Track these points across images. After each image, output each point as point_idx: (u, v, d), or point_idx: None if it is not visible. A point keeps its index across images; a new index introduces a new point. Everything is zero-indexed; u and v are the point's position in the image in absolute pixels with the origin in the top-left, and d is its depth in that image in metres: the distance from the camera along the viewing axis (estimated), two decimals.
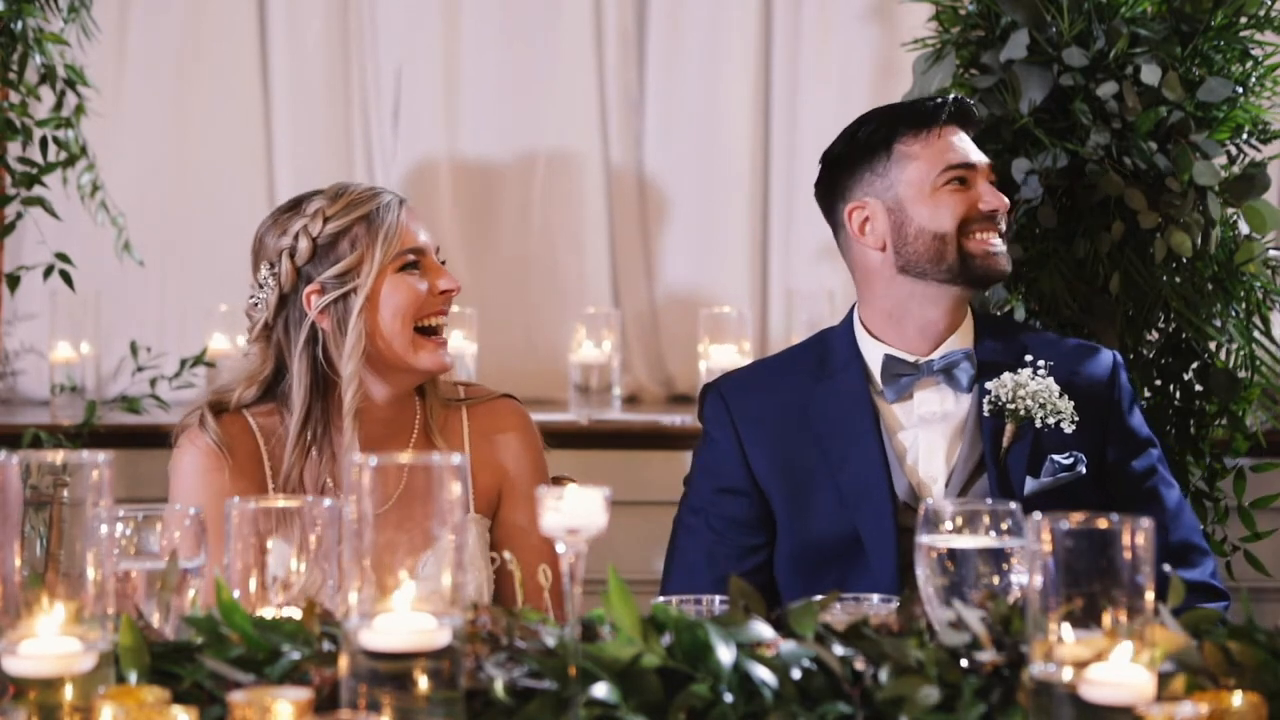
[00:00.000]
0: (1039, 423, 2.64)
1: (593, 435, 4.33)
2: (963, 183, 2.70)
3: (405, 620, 1.62)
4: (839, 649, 1.73)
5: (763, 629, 1.74)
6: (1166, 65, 3.27)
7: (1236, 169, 3.37)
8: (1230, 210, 3.33)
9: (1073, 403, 2.64)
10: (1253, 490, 3.44)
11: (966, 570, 1.87)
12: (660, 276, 5.08)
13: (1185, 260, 3.30)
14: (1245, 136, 3.37)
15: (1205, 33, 3.31)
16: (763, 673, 1.68)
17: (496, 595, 2.66)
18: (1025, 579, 1.74)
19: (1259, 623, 1.75)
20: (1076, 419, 2.64)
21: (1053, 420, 2.63)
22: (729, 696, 1.66)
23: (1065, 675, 1.58)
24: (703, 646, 1.68)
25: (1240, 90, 3.33)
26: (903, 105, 2.79)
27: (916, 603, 1.87)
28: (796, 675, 1.69)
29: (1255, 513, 3.41)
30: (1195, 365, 3.38)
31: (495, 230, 5.06)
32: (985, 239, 2.70)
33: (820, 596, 1.82)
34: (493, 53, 5.03)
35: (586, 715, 1.64)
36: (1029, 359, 2.67)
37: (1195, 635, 1.75)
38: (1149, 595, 1.59)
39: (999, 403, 2.65)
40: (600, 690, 1.65)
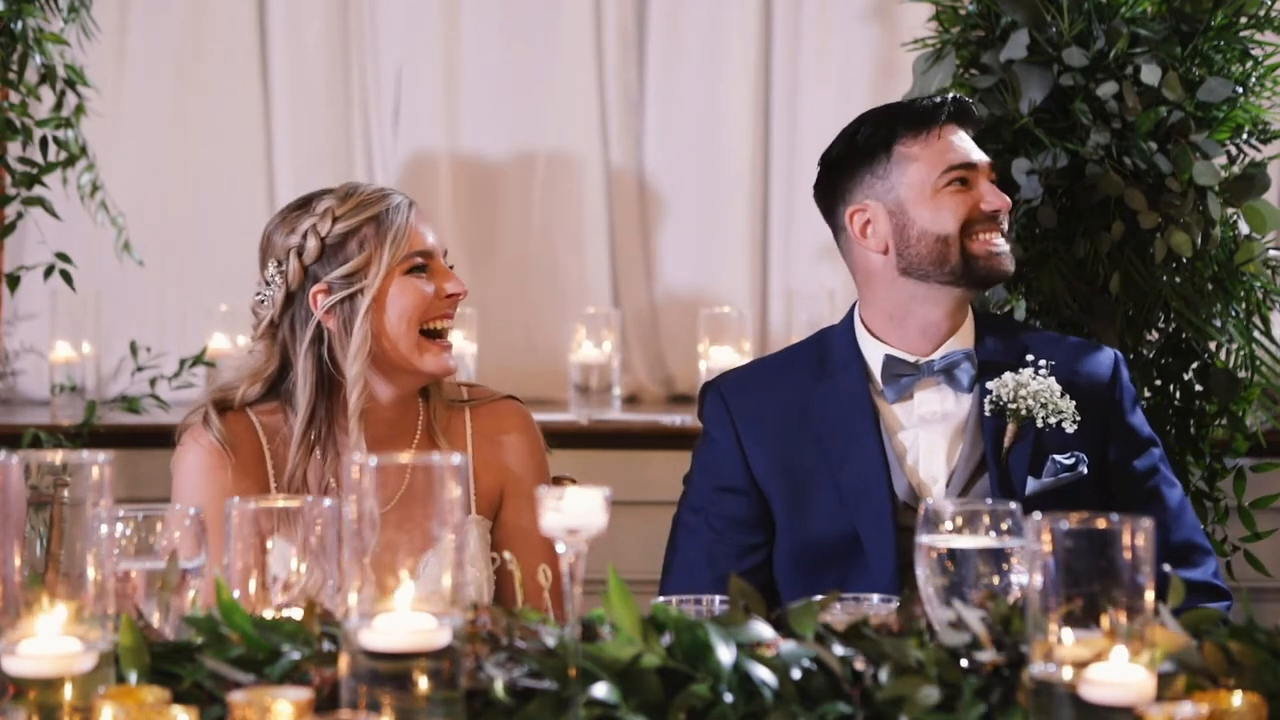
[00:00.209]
0: (1040, 422, 2.63)
1: (593, 435, 4.33)
2: (964, 183, 2.69)
3: (405, 620, 1.62)
4: (839, 649, 1.72)
5: (763, 629, 1.74)
6: (1166, 65, 3.27)
7: (1236, 169, 3.37)
8: (1230, 210, 3.33)
9: (1074, 402, 2.64)
10: (1253, 490, 3.44)
11: (966, 570, 1.87)
12: (660, 276, 5.08)
13: (1185, 260, 3.30)
14: (1245, 136, 3.37)
15: (1205, 33, 3.31)
16: (763, 673, 1.68)
17: (497, 595, 2.66)
18: (1025, 579, 1.74)
19: (1259, 623, 1.75)
20: (1078, 419, 2.63)
21: (1054, 420, 2.63)
22: (729, 696, 1.66)
23: (1065, 675, 1.58)
24: (703, 646, 1.68)
25: (1240, 90, 3.33)
26: (901, 106, 2.77)
27: (916, 603, 1.87)
28: (796, 675, 1.69)
29: (1255, 513, 3.41)
30: (1195, 365, 3.38)
31: (495, 230, 5.06)
32: (988, 239, 2.69)
33: (820, 596, 1.82)
34: (493, 52, 5.03)
35: (586, 715, 1.64)
36: (1030, 358, 2.66)
37: (1195, 635, 1.75)
38: (1149, 595, 1.59)
39: (1000, 402, 2.64)
40: (600, 690, 1.65)
